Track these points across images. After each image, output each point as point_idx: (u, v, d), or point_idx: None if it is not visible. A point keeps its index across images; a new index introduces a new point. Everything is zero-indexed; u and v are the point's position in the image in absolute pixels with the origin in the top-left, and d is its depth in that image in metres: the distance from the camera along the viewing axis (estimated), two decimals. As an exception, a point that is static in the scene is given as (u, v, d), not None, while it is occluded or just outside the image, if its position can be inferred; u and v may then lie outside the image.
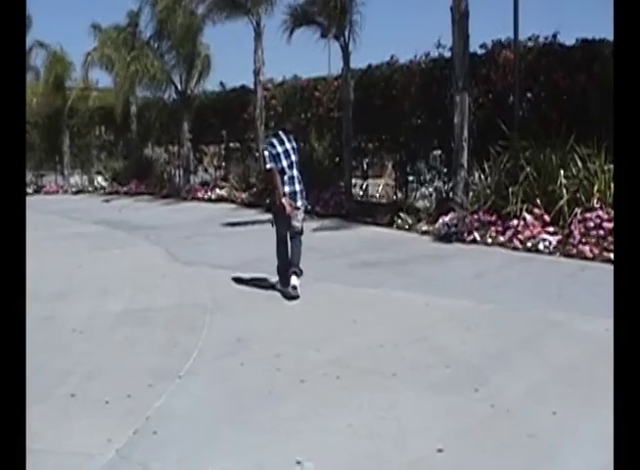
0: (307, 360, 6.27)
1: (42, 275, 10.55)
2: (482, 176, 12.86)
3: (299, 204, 9.09)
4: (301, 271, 8.99)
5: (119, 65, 23.51)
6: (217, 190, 21.22)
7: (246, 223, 15.42)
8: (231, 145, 23.24)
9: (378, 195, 18.92)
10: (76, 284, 10.03)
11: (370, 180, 20.15)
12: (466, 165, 13.23)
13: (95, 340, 7.19)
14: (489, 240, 11.83)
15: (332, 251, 11.91)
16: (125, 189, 25.02)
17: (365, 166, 19.09)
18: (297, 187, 9.09)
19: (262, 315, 8.04)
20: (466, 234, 12.19)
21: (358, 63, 17.34)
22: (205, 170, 24.45)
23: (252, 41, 19.41)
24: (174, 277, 10.37)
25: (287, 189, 8.99)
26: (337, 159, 17.96)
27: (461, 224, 12.32)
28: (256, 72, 19.48)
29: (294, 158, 9.09)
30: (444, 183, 15.33)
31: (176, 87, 23.17)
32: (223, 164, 23.74)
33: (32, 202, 24.61)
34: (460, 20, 13.19)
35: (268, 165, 9.03)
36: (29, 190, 27.99)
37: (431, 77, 15.58)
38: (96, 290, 9.50)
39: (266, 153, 9.15)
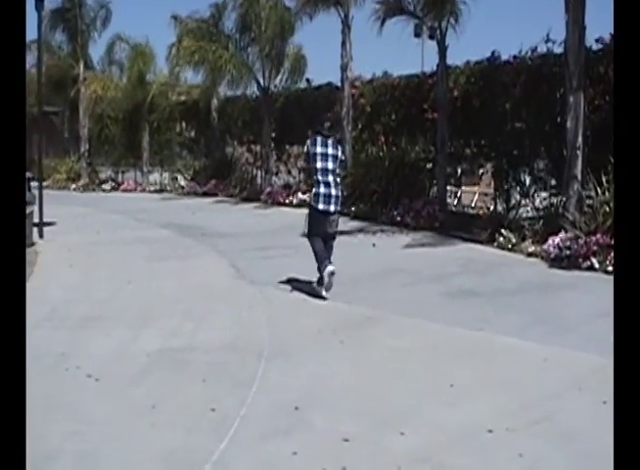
0: (387, 452, 4.46)
1: (81, 292, 9.23)
2: (600, 191, 10.90)
3: (332, 209, 9.00)
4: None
5: (201, 57, 22.05)
6: (300, 194, 19.52)
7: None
8: (317, 146, 21.62)
9: (473, 205, 17.22)
10: (116, 306, 8.50)
11: (464, 187, 18.50)
12: (580, 177, 11.44)
13: (109, 395, 5.51)
14: (610, 268, 9.85)
15: (423, 274, 10.25)
16: (204, 189, 23.74)
17: (459, 174, 17.37)
18: (333, 191, 8.99)
19: (332, 366, 6.28)
20: (581, 259, 10.29)
21: (455, 59, 15.71)
22: (289, 172, 22.82)
23: (340, 35, 17.89)
24: (234, 301, 8.78)
25: (322, 190, 8.93)
26: (429, 164, 16.17)
27: (575, 247, 10.41)
28: (344, 68, 17.90)
29: (331, 166, 8.98)
30: (551, 196, 13.42)
31: (259, 83, 21.66)
32: (308, 166, 22.10)
33: (106, 199, 23.84)
34: (575, 8, 11.36)
35: (303, 162, 8.62)
36: (107, 186, 27.29)
37: (538, 76, 13.77)
38: (136, 316, 7.94)
39: (306, 148, 9.26)
